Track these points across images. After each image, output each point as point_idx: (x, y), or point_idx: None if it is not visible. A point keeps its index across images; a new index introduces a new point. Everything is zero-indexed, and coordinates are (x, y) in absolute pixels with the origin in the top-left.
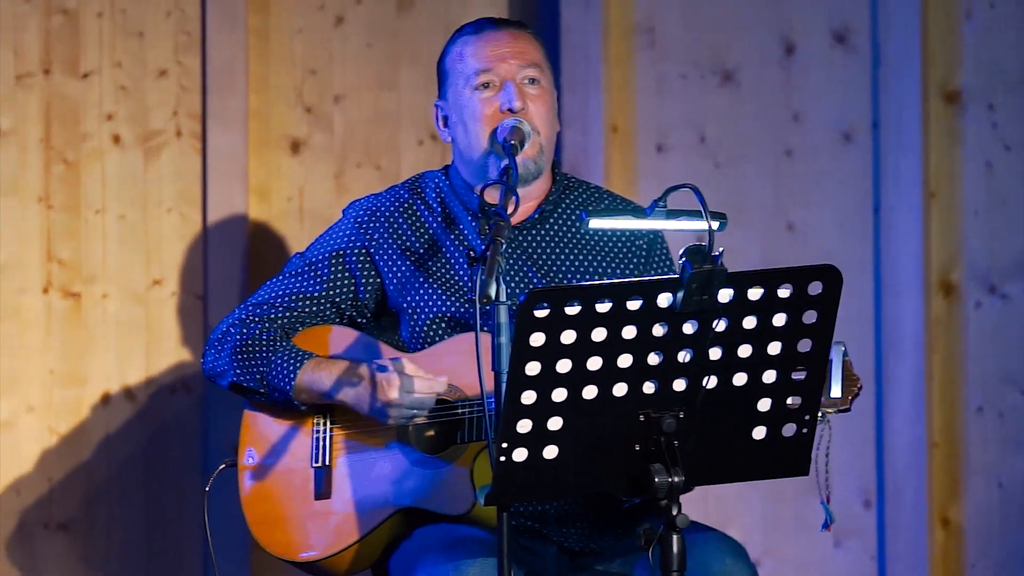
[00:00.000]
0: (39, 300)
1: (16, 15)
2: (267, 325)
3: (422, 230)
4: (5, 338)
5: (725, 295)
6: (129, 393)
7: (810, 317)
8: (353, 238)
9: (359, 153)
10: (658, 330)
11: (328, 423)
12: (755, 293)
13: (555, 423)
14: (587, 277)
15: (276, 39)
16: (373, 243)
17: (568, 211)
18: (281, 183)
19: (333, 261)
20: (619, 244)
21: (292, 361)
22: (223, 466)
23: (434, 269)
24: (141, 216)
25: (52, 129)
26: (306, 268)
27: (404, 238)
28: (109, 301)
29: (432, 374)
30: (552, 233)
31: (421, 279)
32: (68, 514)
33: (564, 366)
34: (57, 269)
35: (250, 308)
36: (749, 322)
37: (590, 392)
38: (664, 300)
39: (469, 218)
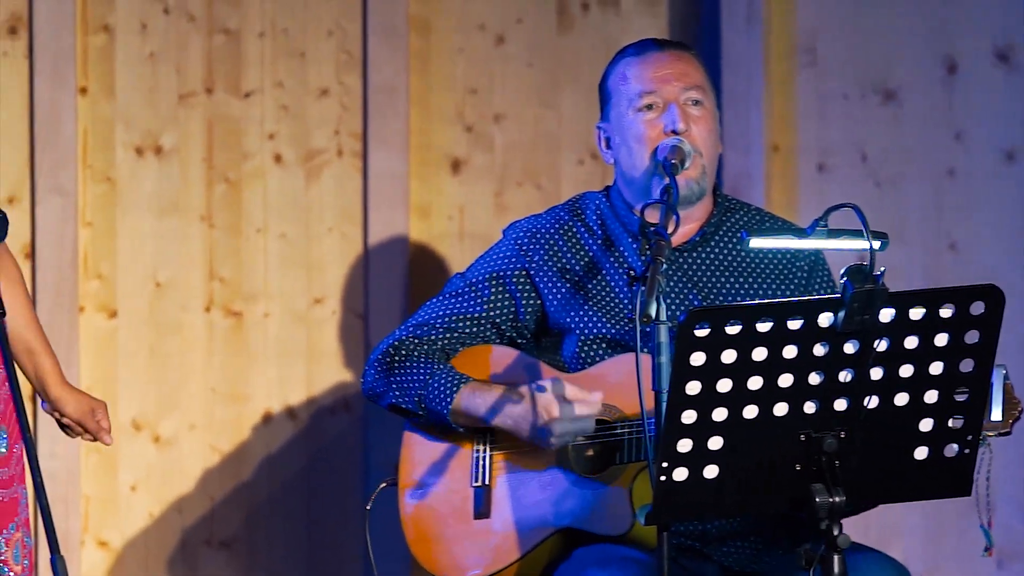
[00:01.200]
0: (201, 318)
1: (179, 35)
2: (427, 346)
3: (582, 252)
4: (167, 356)
5: (887, 315)
6: (290, 412)
7: (972, 337)
8: (513, 260)
9: (519, 173)
10: (819, 350)
11: (488, 443)
12: (917, 313)
13: (715, 443)
14: (748, 299)
15: (437, 59)
16: (533, 265)
17: (729, 233)
18: (441, 203)
19: (493, 282)
20: (780, 266)
21: (449, 384)
22: (383, 485)
23: (593, 291)
24: (302, 235)
25: (214, 148)
26: (467, 289)
27: (564, 260)
28: (270, 320)
29: (590, 394)
30: (713, 255)
31: (580, 300)
32: (230, 532)
33: (725, 385)
34: (219, 288)
35: (410, 328)
36: (911, 342)
37: (751, 412)
38: (825, 320)
39: (629, 240)
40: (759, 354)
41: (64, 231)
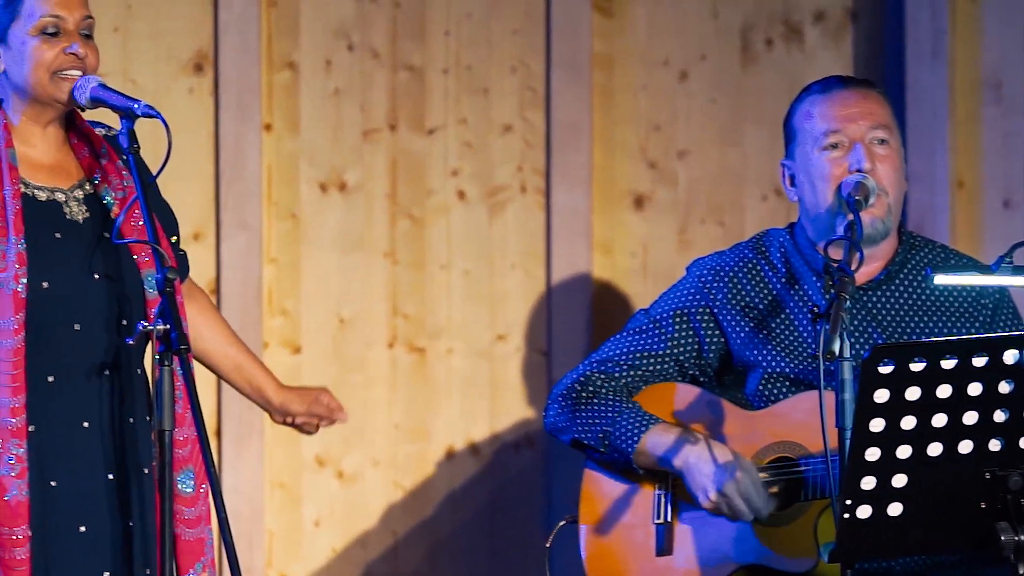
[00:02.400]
0: (385, 354)
1: (363, 72)
2: (611, 383)
3: (765, 289)
4: (351, 392)
5: None
6: (473, 448)
7: None
8: (697, 297)
9: (703, 209)
10: (1004, 387)
11: (670, 481)
12: None
13: (899, 480)
14: (932, 337)
15: (620, 95)
16: (717, 303)
17: (914, 271)
18: (625, 239)
19: (677, 320)
20: (965, 303)
21: (637, 424)
22: (564, 522)
23: (776, 328)
24: (486, 272)
25: (398, 184)
26: (650, 326)
27: (747, 297)
28: (454, 356)
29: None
30: (898, 294)
31: (763, 338)
32: (413, 567)
33: (909, 423)
34: (402, 324)
35: (594, 365)
36: None
37: (935, 449)
38: (1010, 357)
39: (813, 278)
40: (943, 391)
41: (249, 267)
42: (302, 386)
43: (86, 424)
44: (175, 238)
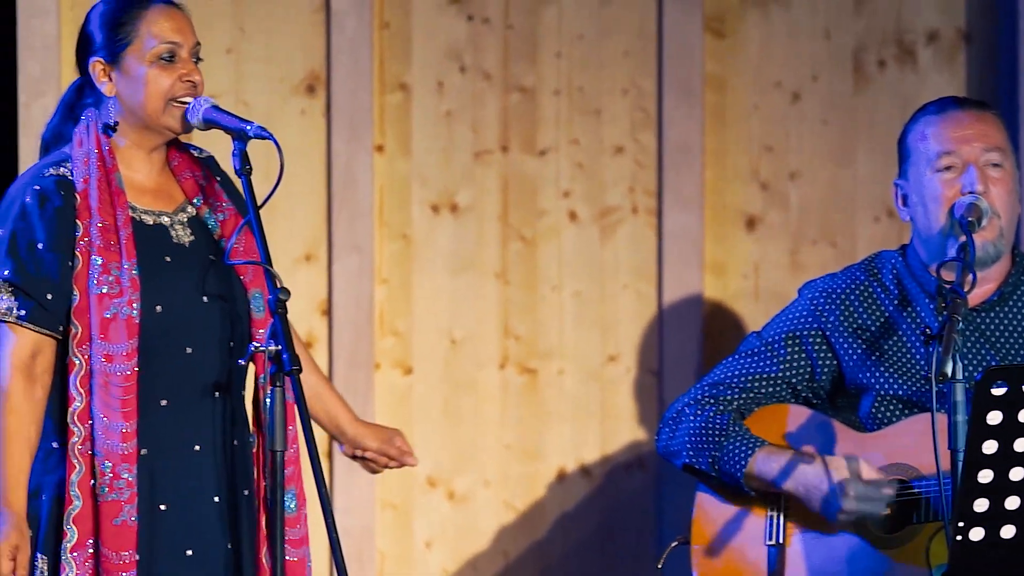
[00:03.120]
0: (496, 375)
1: (475, 93)
2: (722, 407)
3: (877, 311)
4: (463, 412)
5: None
6: (584, 469)
7: None
8: (809, 319)
9: (814, 231)
10: None
11: (782, 503)
12: None
13: (1012, 502)
14: None
15: (732, 116)
16: (829, 325)
17: None
18: (736, 261)
19: (789, 342)
20: None
21: (744, 448)
22: (675, 543)
23: (889, 350)
24: (597, 293)
25: (509, 206)
26: (763, 348)
27: (859, 319)
28: (565, 377)
29: (884, 474)
30: (1011, 316)
31: (875, 360)
32: None
33: (1022, 445)
34: (514, 345)
35: (706, 388)
36: None
37: None
38: None
39: (926, 300)
40: None
41: (360, 288)
42: (377, 424)
43: (197, 447)
44: None
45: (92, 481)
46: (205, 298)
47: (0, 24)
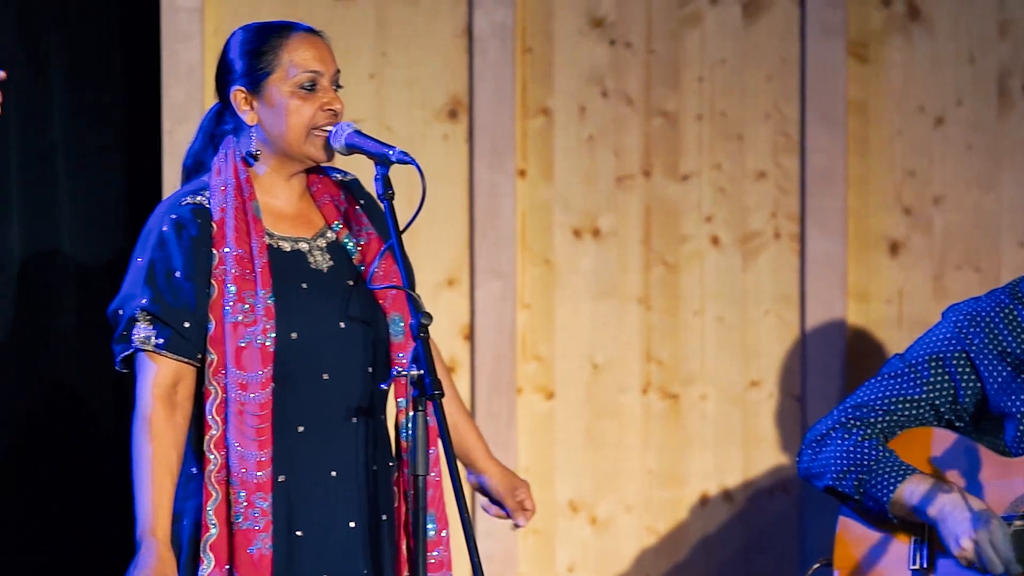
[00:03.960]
0: (638, 400)
1: (617, 118)
2: (867, 430)
3: (1022, 336)
4: (604, 437)
5: None
6: (727, 494)
7: None
8: (953, 342)
9: (959, 256)
10: None
11: (926, 529)
12: None
13: None
14: None
15: (875, 141)
16: (973, 347)
17: None
18: (880, 286)
19: (933, 364)
20: None
21: (893, 474)
22: (817, 565)
23: None
24: (739, 318)
25: (652, 230)
26: (906, 370)
27: (1004, 343)
28: (707, 402)
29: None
30: None
31: (1021, 384)
32: None
33: None
34: (656, 370)
35: (849, 410)
36: None
37: None
38: None
39: None
40: None
41: (503, 313)
42: (509, 469)
43: (334, 473)
44: None
45: (228, 509)
46: (343, 323)
47: (144, 50)
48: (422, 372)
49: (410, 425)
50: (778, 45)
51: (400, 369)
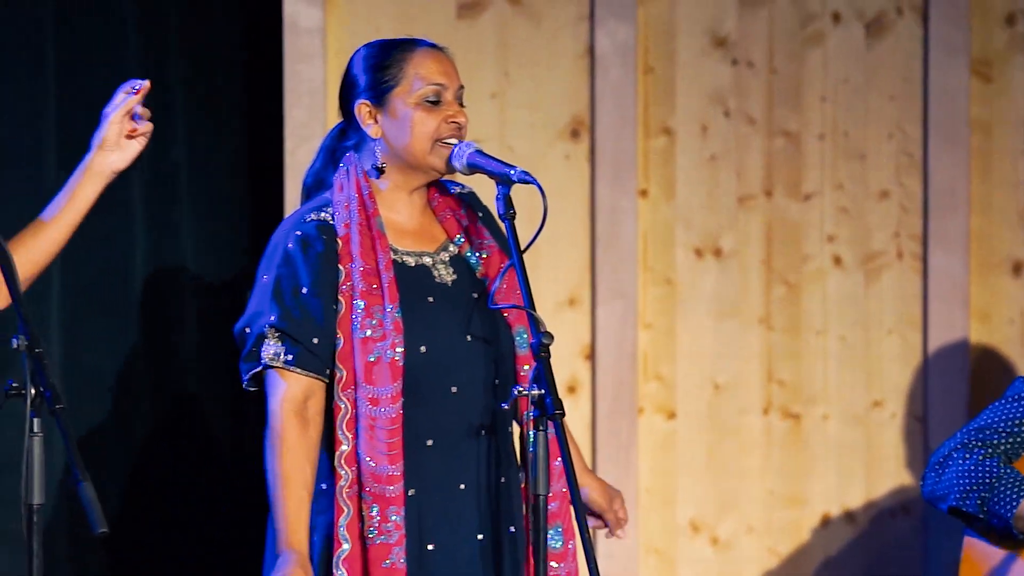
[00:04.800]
0: (759, 421)
1: (739, 137)
2: (990, 450)
3: None
4: (726, 458)
5: None
6: (849, 515)
7: None
8: None
9: None
10: None
11: None
12: None
13: None
14: None
15: (998, 160)
16: None
17: None
18: (1003, 306)
19: None
20: None
21: (1016, 489)
22: None
23: None
24: (862, 338)
25: (773, 251)
26: None
27: None
28: (829, 422)
29: None
30: None
31: None
32: None
33: None
34: (777, 390)
35: (972, 432)
36: None
37: None
38: None
39: None
40: None
41: (624, 333)
42: (604, 481)
43: (462, 486)
44: None
45: (360, 524)
46: (469, 337)
47: (266, 71)
48: (543, 392)
49: (532, 443)
50: (901, 65)
51: (521, 388)
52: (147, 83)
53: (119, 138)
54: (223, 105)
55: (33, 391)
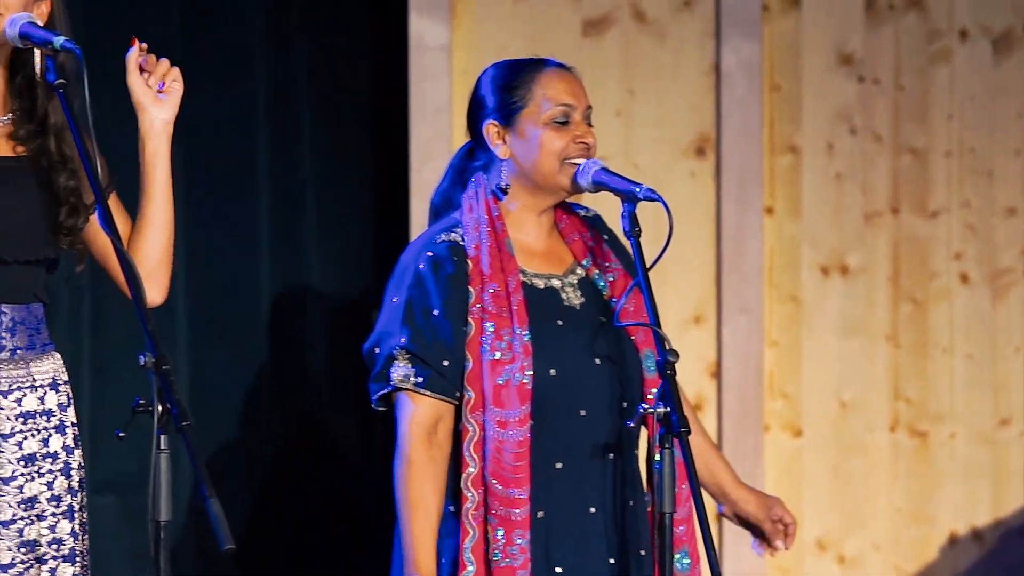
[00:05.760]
0: (886, 438)
1: (865, 155)
2: None
3: None
4: (852, 475)
5: None
6: (976, 533)
7: None
8: None
9: None
10: None
11: None
12: None
13: None
14: None
15: None
16: None
17: None
18: None
19: None
20: None
21: None
22: None
23: None
24: (989, 355)
25: (900, 268)
26: None
27: None
28: (956, 440)
29: None
30: None
31: None
32: None
33: None
34: (904, 407)
35: None
36: None
37: None
38: None
39: None
40: None
41: (750, 350)
42: (759, 491)
43: (592, 509)
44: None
45: (485, 547)
46: (597, 360)
47: (392, 90)
48: (669, 410)
49: (658, 462)
50: None
51: (647, 406)
52: (137, 42)
53: (147, 94)
54: (349, 124)
55: (160, 408)
